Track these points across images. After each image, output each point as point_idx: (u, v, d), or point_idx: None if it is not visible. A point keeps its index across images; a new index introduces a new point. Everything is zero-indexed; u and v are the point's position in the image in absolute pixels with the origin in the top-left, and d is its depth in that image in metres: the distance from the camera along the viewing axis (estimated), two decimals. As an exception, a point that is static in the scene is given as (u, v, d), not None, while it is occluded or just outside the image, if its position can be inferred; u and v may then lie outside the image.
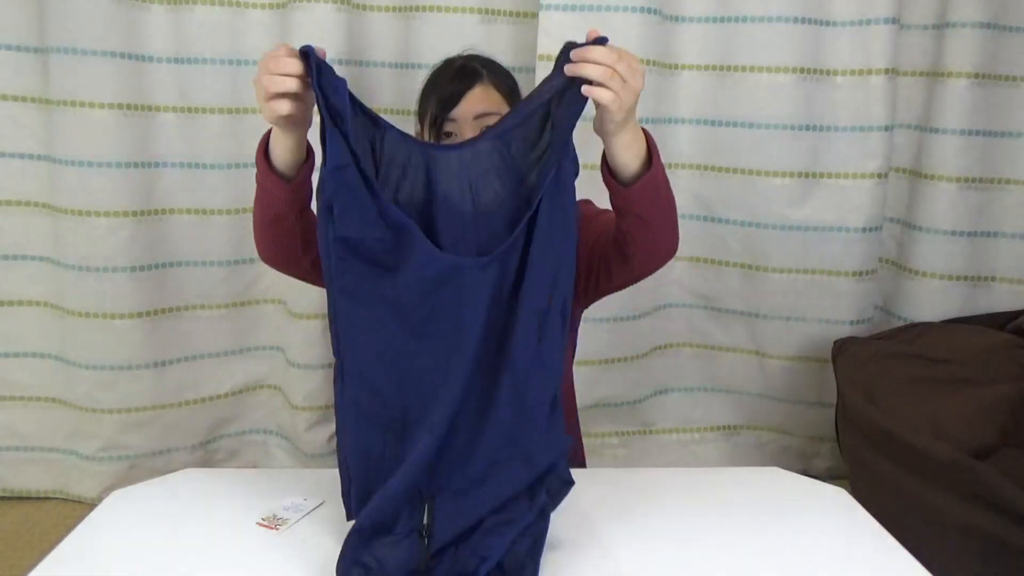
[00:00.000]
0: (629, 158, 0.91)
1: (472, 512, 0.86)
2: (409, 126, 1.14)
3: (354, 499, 0.88)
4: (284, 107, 0.84)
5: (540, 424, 0.89)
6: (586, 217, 1.12)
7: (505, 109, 1.14)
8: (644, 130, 0.93)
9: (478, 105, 1.12)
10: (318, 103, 0.83)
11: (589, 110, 0.88)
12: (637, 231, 0.97)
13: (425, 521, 0.86)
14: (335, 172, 0.83)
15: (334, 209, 0.84)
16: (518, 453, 0.88)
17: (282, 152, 0.92)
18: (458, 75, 1.15)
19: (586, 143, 0.93)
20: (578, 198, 0.93)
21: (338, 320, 0.87)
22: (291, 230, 0.98)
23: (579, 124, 0.88)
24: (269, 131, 0.93)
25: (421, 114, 1.19)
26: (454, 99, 1.12)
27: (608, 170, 0.94)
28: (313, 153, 0.95)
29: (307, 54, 0.82)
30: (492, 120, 1.08)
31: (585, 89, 0.83)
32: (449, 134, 1.12)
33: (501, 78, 1.18)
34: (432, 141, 1.13)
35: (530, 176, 0.90)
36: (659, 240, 1.00)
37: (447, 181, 0.90)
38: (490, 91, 1.14)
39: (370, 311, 0.87)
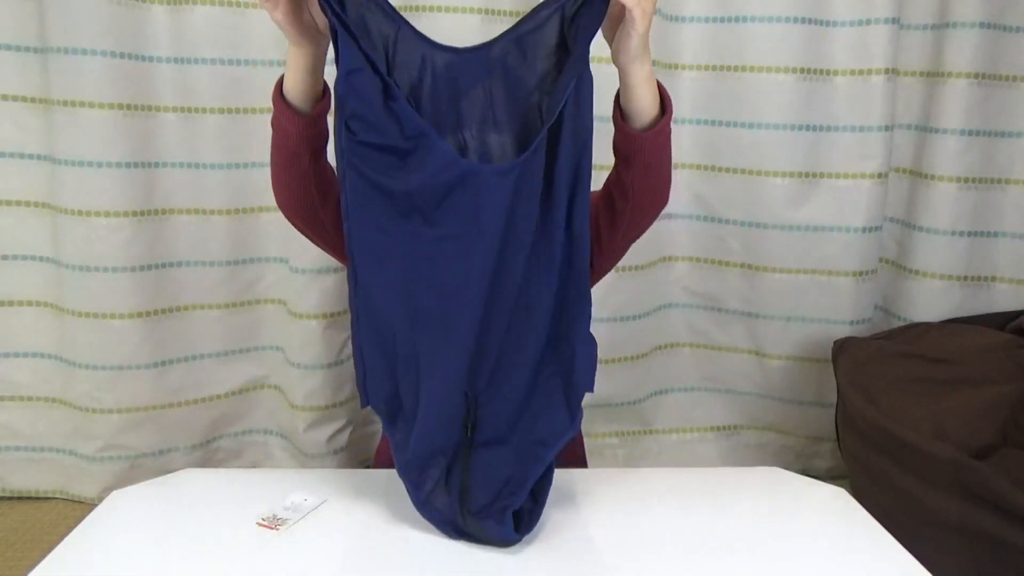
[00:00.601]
0: (646, 97, 0.92)
1: (514, 411, 0.91)
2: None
3: (371, 392, 0.92)
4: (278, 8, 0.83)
5: (572, 322, 0.91)
6: None
7: None
8: (659, 83, 0.94)
9: None
10: (325, 12, 0.83)
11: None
12: (640, 181, 0.97)
13: (468, 412, 0.92)
14: (348, 77, 0.83)
15: (347, 112, 0.84)
16: (555, 352, 0.92)
17: (296, 79, 0.90)
18: None
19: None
20: None
21: (350, 219, 0.88)
22: (306, 174, 0.96)
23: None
24: (283, 76, 0.92)
25: None
26: None
27: (621, 115, 0.95)
28: (330, 92, 0.94)
29: None
30: None
31: None
32: None
33: None
34: None
35: (545, 82, 0.91)
36: (658, 192, 1.01)
37: (462, 83, 0.91)
38: None
39: (383, 211, 0.88)
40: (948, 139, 1.93)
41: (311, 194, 0.98)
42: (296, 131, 0.93)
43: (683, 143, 1.96)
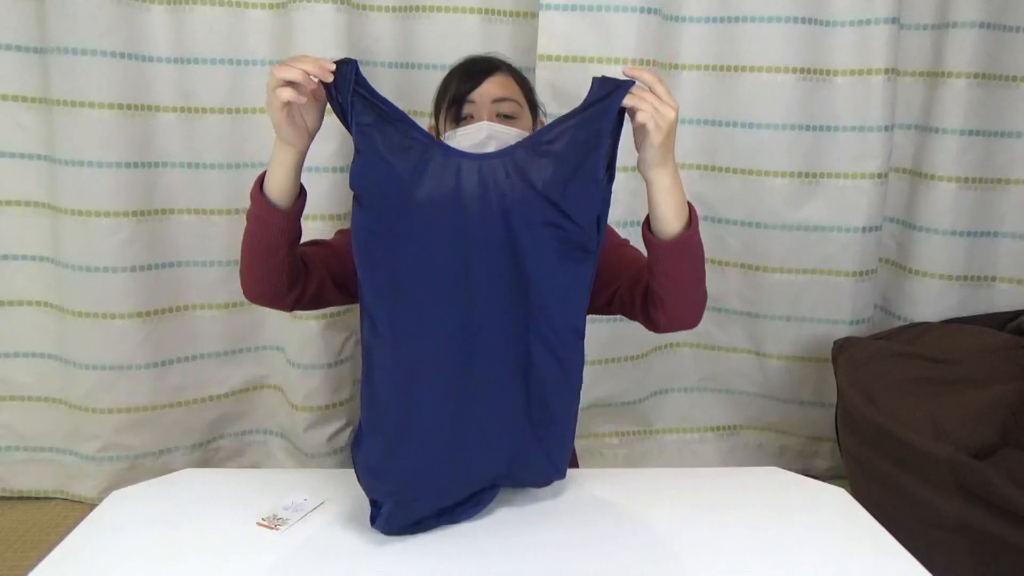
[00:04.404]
0: (667, 206, 0.94)
1: None
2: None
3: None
4: (286, 93, 0.87)
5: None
6: (610, 243, 1.11)
7: (521, 101, 1.16)
8: (689, 203, 0.97)
9: (497, 90, 1.13)
10: (342, 111, 0.88)
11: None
12: (667, 294, 1.01)
13: None
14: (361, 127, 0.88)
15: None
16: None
17: (281, 177, 0.95)
18: (480, 62, 1.18)
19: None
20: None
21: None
22: (280, 264, 1.01)
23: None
24: (263, 173, 0.97)
25: (438, 103, 1.19)
26: (475, 82, 1.13)
27: (648, 228, 0.97)
28: (305, 193, 1.00)
29: (345, 67, 0.88)
30: (509, 106, 1.12)
31: (626, 101, 0.87)
32: (467, 117, 1.13)
33: (520, 77, 1.20)
34: (449, 125, 1.14)
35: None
36: (686, 309, 1.06)
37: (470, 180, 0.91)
38: (509, 81, 1.16)
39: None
40: (948, 139, 1.93)
41: (282, 282, 1.03)
42: (279, 225, 0.98)
43: (683, 143, 1.96)
